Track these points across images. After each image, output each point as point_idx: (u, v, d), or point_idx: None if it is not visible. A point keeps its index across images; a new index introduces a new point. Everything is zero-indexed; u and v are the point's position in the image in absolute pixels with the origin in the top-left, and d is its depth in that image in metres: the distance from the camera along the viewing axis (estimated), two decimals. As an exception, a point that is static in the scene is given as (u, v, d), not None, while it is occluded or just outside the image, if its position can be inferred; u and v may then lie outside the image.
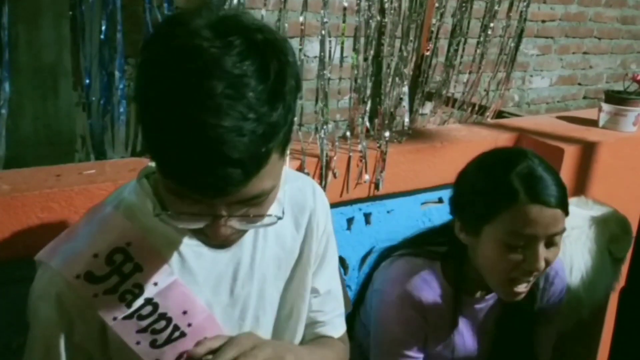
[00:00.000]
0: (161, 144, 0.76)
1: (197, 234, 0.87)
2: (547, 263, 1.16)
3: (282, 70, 0.76)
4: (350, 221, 1.70)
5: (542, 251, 1.14)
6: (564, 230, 1.15)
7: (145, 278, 0.92)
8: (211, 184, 0.75)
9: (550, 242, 1.15)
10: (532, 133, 2.04)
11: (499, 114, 2.24)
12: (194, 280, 0.97)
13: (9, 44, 1.35)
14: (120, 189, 1.01)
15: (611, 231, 1.87)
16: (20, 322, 0.97)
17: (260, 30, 0.77)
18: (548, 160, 1.94)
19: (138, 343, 0.93)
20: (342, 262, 1.68)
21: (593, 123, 2.20)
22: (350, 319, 1.25)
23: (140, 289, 0.92)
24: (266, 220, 0.86)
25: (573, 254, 1.80)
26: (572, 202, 1.94)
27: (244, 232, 0.90)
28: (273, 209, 0.89)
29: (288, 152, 0.81)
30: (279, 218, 0.88)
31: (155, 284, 0.93)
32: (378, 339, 1.31)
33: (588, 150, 2.02)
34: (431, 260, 1.29)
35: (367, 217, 1.72)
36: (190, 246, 0.96)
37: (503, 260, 1.15)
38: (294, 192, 1.08)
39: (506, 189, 1.13)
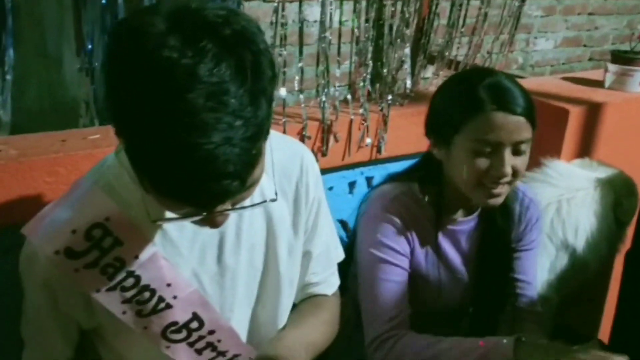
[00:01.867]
0: (149, 165, 0.74)
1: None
2: (515, 171, 1.22)
3: (257, 63, 0.73)
4: (352, 185, 1.70)
5: (509, 158, 1.21)
6: (530, 139, 1.22)
7: (126, 252, 0.92)
8: (210, 199, 0.75)
9: (517, 150, 1.22)
10: (537, 94, 2.02)
11: (503, 77, 2.22)
12: (178, 251, 0.98)
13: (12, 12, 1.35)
14: (102, 161, 1.00)
15: (617, 193, 1.86)
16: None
17: (227, 23, 0.73)
18: (553, 121, 1.97)
19: (124, 313, 0.94)
20: (344, 225, 1.70)
21: (599, 84, 2.18)
22: (343, 273, 1.27)
23: (122, 263, 0.92)
24: (258, 204, 0.88)
25: (578, 216, 1.80)
26: (577, 164, 1.95)
27: None
28: (266, 189, 0.92)
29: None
30: (273, 200, 0.91)
31: (136, 257, 0.93)
32: (362, 253, 1.34)
33: (594, 111, 2.00)
34: (410, 182, 1.37)
35: (369, 180, 1.72)
36: (177, 220, 0.95)
37: (472, 167, 1.22)
38: (281, 159, 1.05)
39: (473, 99, 1.20)
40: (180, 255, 0.98)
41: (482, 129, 1.19)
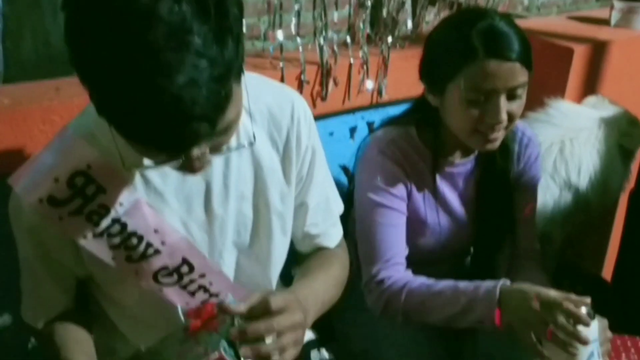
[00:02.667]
0: (114, 112, 0.72)
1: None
2: (511, 116, 1.20)
3: (221, 1, 0.70)
4: (353, 130, 1.69)
5: (504, 104, 1.18)
6: (525, 83, 1.18)
7: (110, 199, 0.91)
8: (179, 143, 0.73)
9: (513, 95, 1.19)
10: (541, 34, 1.99)
11: (507, 18, 2.17)
12: (162, 199, 0.97)
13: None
14: (85, 108, 0.98)
15: (621, 132, 1.85)
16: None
17: None
18: (557, 61, 1.93)
19: (114, 258, 0.95)
20: (346, 171, 1.69)
21: (605, 22, 2.15)
22: (344, 218, 1.26)
23: (106, 210, 0.92)
24: (234, 149, 0.89)
25: (581, 156, 1.79)
26: (588, 102, 1.92)
27: None
28: (244, 133, 0.93)
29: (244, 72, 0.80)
30: (251, 144, 0.90)
31: (121, 204, 0.92)
32: (360, 196, 1.34)
33: (599, 50, 1.97)
34: (406, 126, 1.35)
35: (370, 125, 1.71)
36: (153, 167, 0.94)
37: (467, 115, 1.19)
38: (271, 108, 1.04)
39: (466, 46, 1.16)
40: (165, 204, 0.98)
41: (475, 78, 1.16)
